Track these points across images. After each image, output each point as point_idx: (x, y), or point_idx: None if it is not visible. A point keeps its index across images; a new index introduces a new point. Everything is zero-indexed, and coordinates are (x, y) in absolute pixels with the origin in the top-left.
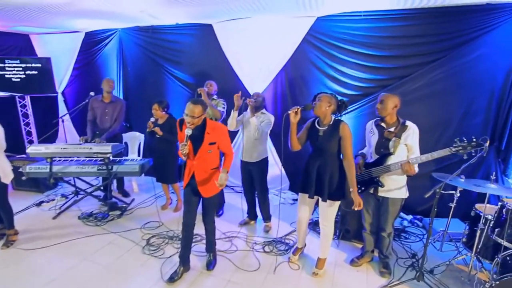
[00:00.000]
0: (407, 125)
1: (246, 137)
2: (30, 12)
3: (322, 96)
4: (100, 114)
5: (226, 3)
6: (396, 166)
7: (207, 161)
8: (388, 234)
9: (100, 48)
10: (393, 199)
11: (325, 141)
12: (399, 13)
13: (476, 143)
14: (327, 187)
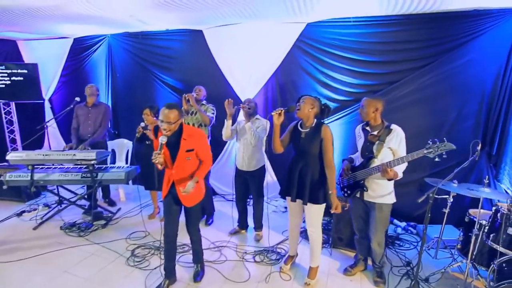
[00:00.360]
0: (392, 129)
1: (243, 145)
2: (16, 16)
3: (305, 98)
4: (83, 119)
5: (216, 8)
6: (377, 169)
7: (186, 169)
8: (378, 244)
9: (89, 54)
10: (379, 204)
11: (307, 143)
12: (388, 19)
13: (446, 144)
14: (308, 189)
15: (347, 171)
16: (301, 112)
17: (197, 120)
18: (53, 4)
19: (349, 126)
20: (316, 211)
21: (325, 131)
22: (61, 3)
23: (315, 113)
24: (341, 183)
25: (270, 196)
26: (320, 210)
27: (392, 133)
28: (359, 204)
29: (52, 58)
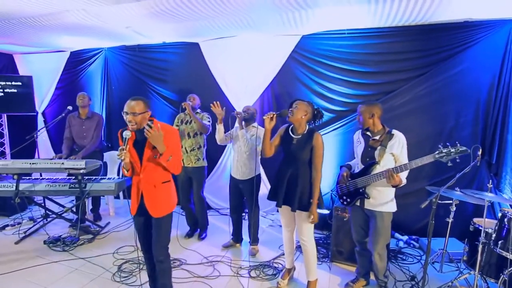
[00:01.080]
0: (393, 134)
1: (237, 152)
2: (13, 26)
3: (299, 103)
4: (77, 131)
5: (212, 18)
6: (380, 176)
7: (155, 173)
8: (380, 257)
9: (85, 67)
10: (381, 213)
11: (298, 150)
12: (381, 31)
13: (460, 149)
14: (298, 196)
15: (347, 177)
16: (293, 118)
17: (193, 129)
18: (49, 12)
19: (345, 136)
20: (307, 219)
21: (316, 139)
22: (57, 11)
23: (308, 119)
24: (340, 190)
25: (266, 210)
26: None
27: (394, 138)
28: (359, 213)
29: (47, 72)
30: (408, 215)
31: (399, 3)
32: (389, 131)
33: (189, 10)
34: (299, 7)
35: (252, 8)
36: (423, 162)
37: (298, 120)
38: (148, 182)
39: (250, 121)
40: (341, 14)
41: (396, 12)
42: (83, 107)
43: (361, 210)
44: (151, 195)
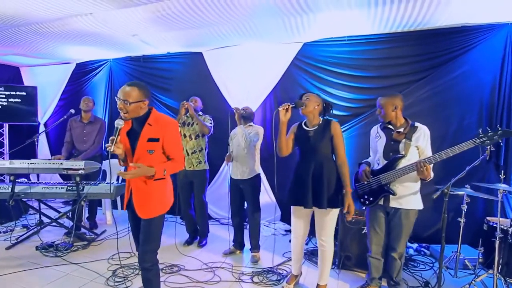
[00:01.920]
0: (417, 126)
1: (235, 151)
2: (22, 33)
3: (309, 95)
4: (78, 134)
5: (217, 25)
6: (409, 169)
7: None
8: (400, 255)
9: (89, 78)
10: (407, 210)
11: (317, 141)
12: (380, 37)
13: (503, 131)
14: (326, 193)
15: (368, 174)
16: (307, 109)
17: (194, 131)
18: (57, 17)
19: (349, 141)
20: (332, 218)
21: (334, 127)
22: (64, 16)
23: (319, 110)
24: (360, 190)
25: (269, 219)
26: (335, 216)
27: (419, 131)
28: (379, 213)
29: (52, 83)
30: (418, 221)
31: (398, 6)
32: (412, 123)
33: (193, 16)
34: (301, 11)
35: (255, 13)
36: (461, 149)
37: (311, 112)
38: (138, 178)
39: (248, 120)
40: (341, 20)
41: (395, 17)
42: (86, 111)
43: (383, 209)
44: (140, 193)
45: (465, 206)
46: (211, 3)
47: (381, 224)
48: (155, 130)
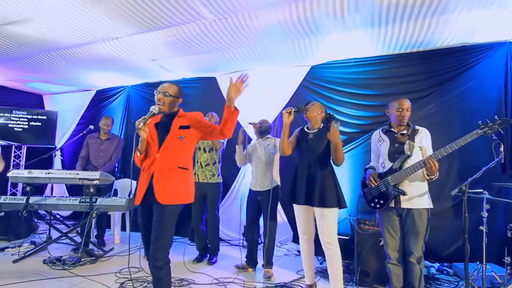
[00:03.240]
0: (418, 129)
1: (255, 164)
2: (51, 59)
3: (314, 102)
4: (94, 150)
5: (230, 49)
6: (417, 167)
7: (175, 154)
8: (418, 260)
9: (107, 104)
10: (419, 210)
11: (315, 143)
12: (385, 58)
13: (501, 120)
14: (318, 192)
15: (376, 178)
16: (310, 114)
17: (208, 144)
18: (84, 42)
19: (358, 158)
20: (330, 216)
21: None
22: (89, 41)
23: (322, 117)
24: (369, 194)
25: (281, 240)
26: (334, 216)
27: (420, 133)
28: (392, 216)
29: (72, 109)
30: (437, 240)
31: (399, 27)
32: (413, 126)
33: (207, 40)
34: (310, 33)
35: (265, 37)
36: (465, 141)
37: (314, 117)
38: (163, 163)
39: (265, 134)
40: (347, 43)
41: (397, 38)
42: (106, 130)
43: (395, 211)
44: (163, 178)
45: (485, 213)
46: (224, 27)
47: (395, 227)
48: (184, 120)
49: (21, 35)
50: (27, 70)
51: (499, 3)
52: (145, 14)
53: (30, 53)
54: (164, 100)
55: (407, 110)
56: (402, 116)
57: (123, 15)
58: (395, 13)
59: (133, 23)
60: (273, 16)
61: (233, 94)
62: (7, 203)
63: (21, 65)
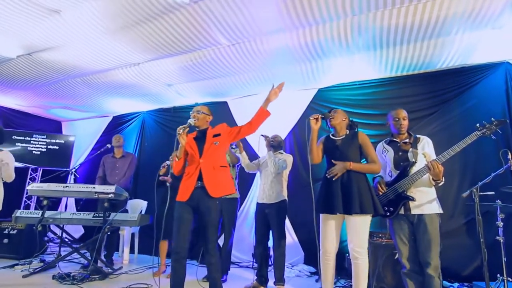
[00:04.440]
0: (419, 137)
1: (264, 176)
2: (75, 85)
3: (337, 110)
4: (110, 169)
5: (241, 74)
6: (422, 172)
7: (215, 156)
8: (434, 269)
9: (122, 129)
10: (429, 215)
11: (346, 148)
12: (388, 80)
13: (497, 121)
14: (357, 198)
15: (383, 185)
16: (335, 121)
17: None
18: (104, 68)
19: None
20: (364, 224)
21: (362, 137)
22: (114, 67)
23: (346, 124)
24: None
25: (292, 262)
26: (368, 223)
27: (422, 141)
28: (403, 223)
29: (88, 134)
30: (454, 259)
31: (400, 48)
32: (414, 136)
33: (219, 64)
34: (317, 57)
35: (274, 61)
36: (466, 143)
37: (339, 124)
38: (208, 165)
39: (277, 149)
40: (352, 66)
41: (398, 60)
42: (118, 147)
43: (405, 218)
44: (211, 175)
45: (500, 223)
46: (237, 51)
47: (407, 234)
48: (215, 130)
49: (51, 62)
50: (51, 96)
51: (492, 25)
52: (166, 41)
53: (57, 78)
54: (198, 116)
55: (404, 119)
56: (400, 124)
57: (144, 43)
58: (395, 36)
59: (153, 50)
60: (282, 40)
61: (272, 96)
62: (23, 217)
63: (46, 91)
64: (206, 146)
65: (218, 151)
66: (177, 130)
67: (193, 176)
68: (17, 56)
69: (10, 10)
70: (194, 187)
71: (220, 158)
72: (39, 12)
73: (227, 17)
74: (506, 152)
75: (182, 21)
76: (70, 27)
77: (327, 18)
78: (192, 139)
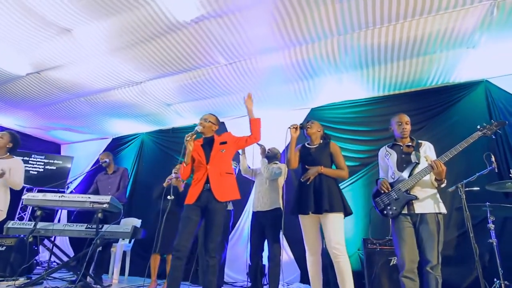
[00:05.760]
0: (421, 142)
1: (259, 184)
2: (77, 104)
3: (313, 121)
4: (103, 185)
5: (237, 93)
6: (425, 171)
7: (221, 163)
8: (434, 268)
9: (121, 150)
10: (432, 214)
11: (318, 156)
12: (378, 99)
13: (497, 122)
14: (327, 197)
15: (387, 185)
16: (311, 130)
17: None
18: (108, 86)
19: (359, 191)
20: (336, 222)
21: (333, 146)
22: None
23: (321, 135)
24: (381, 203)
25: (288, 280)
26: (341, 222)
27: (424, 145)
28: (405, 223)
29: (87, 156)
30: (452, 274)
31: (385, 67)
32: (416, 140)
33: (216, 83)
34: (308, 76)
35: (269, 80)
36: (468, 142)
37: (314, 133)
38: (215, 171)
39: (272, 159)
40: (341, 85)
41: (384, 79)
42: (109, 164)
43: (408, 218)
44: (218, 181)
45: (492, 225)
46: (233, 70)
47: (410, 234)
48: (222, 138)
49: (58, 80)
50: (54, 116)
51: (466, 44)
52: (168, 59)
53: (62, 98)
54: (205, 124)
55: (407, 124)
56: (403, 128)
57: (147, 60)
58: (378, 55)
59: (154, 68)
60: (275, 59)
61: (248, 106)
62: (14, 228)
63: (49, 111)
64: (213, 153)
65: (224, 158)
66: (185, 137)
67: (201, 182)
68: (27, 74)
69: (24, 29)
70: (202, 190)
71: (226, 165)
72: (51, 31)
73: (225, 37)
74: (489, 155)
75: (183, 40)
76: (79, 45)
77: (315, 37)
78: (199, 146)
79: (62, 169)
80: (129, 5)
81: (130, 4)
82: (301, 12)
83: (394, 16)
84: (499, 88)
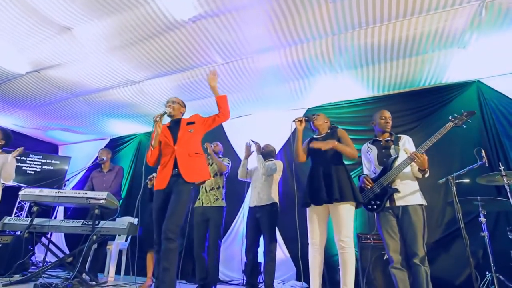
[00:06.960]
0: (400, 136)
1: (255, 180)
2: (75, 104)
3: (319, 113)
4: (98, 183)
5: (233, 93)
6: (405, 163)
7: (189, 144)
8: (421, 260)
9: (118, 150)
10: (413, 206)
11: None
12: (373, 99)
13: (467, 112)
14: (337, 186)
15: (370, 180)
16: (317, 122)
17: (213, 169)
18: (107, 86)
19: None
20: (347, 213)
21: (341, 132)
22: (113, 85)
23: (328, 126)
24: (365, 197)
25: (284, 278)
26: (351, 212)
27: (402, 139)
28: (389, 216)
29: (85, 157)
30: (444, 269)
31: (379, 67)
32: (396, 135)
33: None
34: (303, 75)
35: (265, 79)
36: (441, 133)
37: (321, 125)
38: (182, 152)
39: (267, 157)
40: (337, 84)
41: (378, 79)
42: (105, 161)
43: (391, 211)
44: (186, 162)
45: (483, 219)
46: (230, 70)
47: (394, 227)
48: (189, 119)
49: (57, 79)
50: (52, 116)
51: (457, 43)
52: (166, 58)
53: (61, 97)
54: (173, 106)
55: (389, 119)
56: (386, 123)
57: (146, 59)
58: (372, 55)
59: (153, 67)
60: (271, 59)
61: (212, 82)
62: (11, 224)
63: (48, 110)
64: (180, 133)
65: (193, 138)
66: (154, 117)
67: (168, 165)
68: (26, 72)
69: (25, 27)
70: (171, 175)
71: (195, 145)
72: (52, 29)
73: (222, 36)
74: (479, 150)
75: (181, 39)
76: (79, 43)
77: (310, 37)
78: (166, 128)
79: (60, 169)
80: (129, 4)
81: (130, 2)
82: (296, 12)
83: (386, 16)
84: (491, 88)
